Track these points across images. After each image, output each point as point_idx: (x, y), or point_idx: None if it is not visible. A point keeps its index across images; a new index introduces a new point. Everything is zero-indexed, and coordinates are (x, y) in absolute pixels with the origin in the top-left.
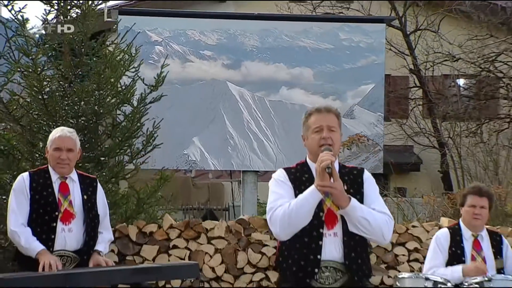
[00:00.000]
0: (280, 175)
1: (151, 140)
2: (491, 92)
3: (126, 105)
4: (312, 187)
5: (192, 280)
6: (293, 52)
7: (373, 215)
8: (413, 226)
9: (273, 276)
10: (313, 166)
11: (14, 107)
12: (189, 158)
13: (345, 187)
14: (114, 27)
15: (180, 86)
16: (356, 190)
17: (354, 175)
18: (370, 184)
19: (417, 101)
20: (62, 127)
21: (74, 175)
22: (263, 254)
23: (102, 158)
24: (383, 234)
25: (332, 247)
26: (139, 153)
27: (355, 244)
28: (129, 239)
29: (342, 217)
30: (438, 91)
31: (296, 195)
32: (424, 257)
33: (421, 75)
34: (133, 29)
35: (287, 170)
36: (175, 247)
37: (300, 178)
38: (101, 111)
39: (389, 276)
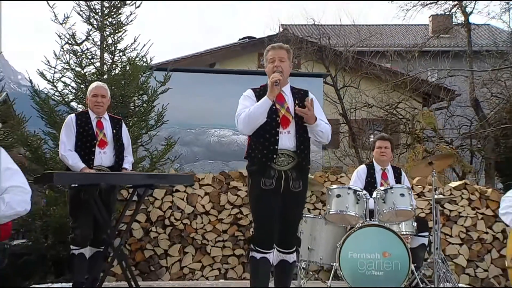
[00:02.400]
0: (248, 93)
1: (160, 118)
2: (394, 128)
3: (144, 95)
4: (265, 97)
5: (188, 214)
6: None
7: (325, 126)
8: (341, 177)
9: (246, 211)
10: None
11: (66, 93)
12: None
13: (296, 102)
14: None
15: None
16: (303, 106)
17: (301, 95)
18: (314, 102)
19: (344, 134)
20: (97, 81)
21: (106, 116)
22: (238, 196)
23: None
24: (328, 138)
25: (286, 140)
26: (152, 127)
27: (303, 140)
28: None
29: (294, 120)
30: (359, 128)
31: None
32: None
33: (347, 117)
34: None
35: (254, 89)
36: (177, 191)
37: (262, 95)
38: (126, 93)
39: (324, 211)
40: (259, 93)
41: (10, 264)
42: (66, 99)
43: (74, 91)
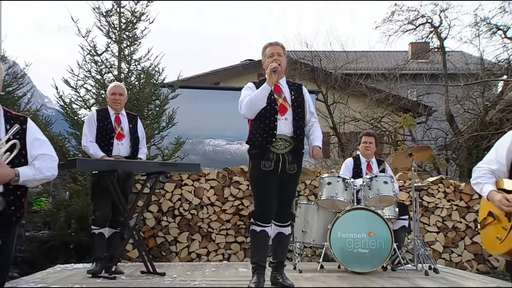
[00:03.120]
0: (249, 84)
1: (171, 120)
2: (379, 140)
3: (156, 100)
4: (265, 83)
5: (195, 205)
6: None
7: (320, 132)
8: (331, 172)
9: (247, 202)
10: None
11: (88, 98)
12: None
13: (292, 93)
14: None
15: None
16: (299, 97)
17: (296, 87)
18: (308, 96)
19: (334, 145)
20: (115, 81)
21: (123, 112)
22: (240, 189)
23: None
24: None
25: (284, 126)
26: (163, 129)
27: (299, 126)
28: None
29: (292, 108)
30: (347, 139)
31: None
32: None
33: (337, 130)
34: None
35: (254, 82)
36: (185, 184)
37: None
38: (140, 98)
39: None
40: (258, 85)
41: (38, 249)
42: (88, 104)
43: (94, 96)
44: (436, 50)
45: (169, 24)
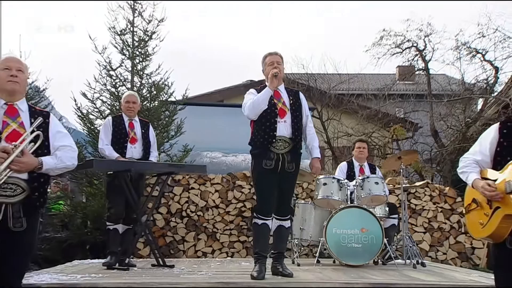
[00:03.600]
0: (251, 90)
1: (179, 129)
2: (369, 153)
3: (166, 111)
4: (266, 87)
5: (201, 207)
6: None
7: (317, 141)
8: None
9: (249, 205)
10: None
11: (104, 109)
12: None
13: (291, 98)
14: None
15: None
16: (297, 102)
17: (294, 93)
18: (304, 101)
19: (329, 158)
20: (129, 90)
21: (136, 118)
22: (242, 193)
23: None
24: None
25: (283, 128)
26: (172, 137)
27: (298, 128)
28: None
29: (290, 112)
30: (340, 153)
31: None
32: None
33: (331, 144)
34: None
35: (255, 88)
36: (192, 188)
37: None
38: (151, 109)
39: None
40: (259, 91)
41: (56, 248)
42: (103, 114)
43: (109, 107)
44: (421, 71)
45: (171, 29)
